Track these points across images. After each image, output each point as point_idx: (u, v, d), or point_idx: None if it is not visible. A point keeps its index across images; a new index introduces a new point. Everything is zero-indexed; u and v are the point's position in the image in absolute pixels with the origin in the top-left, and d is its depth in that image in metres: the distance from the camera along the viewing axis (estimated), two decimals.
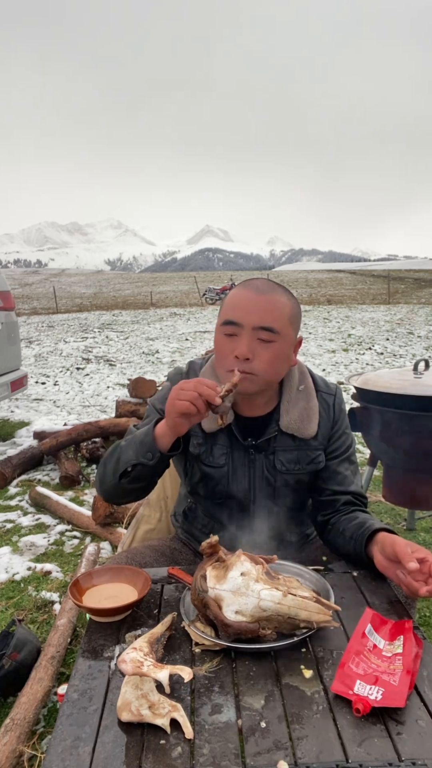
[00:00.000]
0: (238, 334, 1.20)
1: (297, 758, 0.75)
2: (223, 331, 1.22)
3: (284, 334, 1.21)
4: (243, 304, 1.20)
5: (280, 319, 1.20)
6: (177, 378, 1.37)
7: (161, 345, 11.69)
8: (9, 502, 3.67)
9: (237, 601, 0.96)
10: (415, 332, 12.41)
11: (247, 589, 0.96)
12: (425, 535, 2.95)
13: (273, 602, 0.95)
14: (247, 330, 1.18)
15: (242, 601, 0.95)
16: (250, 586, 0.96)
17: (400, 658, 0.90)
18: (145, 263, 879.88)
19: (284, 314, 1.21)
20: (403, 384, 2.34)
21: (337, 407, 1.35)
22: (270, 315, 1.19)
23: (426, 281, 34.97)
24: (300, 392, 1.32)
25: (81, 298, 30.09)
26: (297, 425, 1.29)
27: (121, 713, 0.83)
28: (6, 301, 4.71)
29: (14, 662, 1.87)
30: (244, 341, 1.18)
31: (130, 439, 1.24)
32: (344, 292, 29.17)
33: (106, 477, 1.26)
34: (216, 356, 1.27)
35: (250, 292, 1.21)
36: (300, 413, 1.30)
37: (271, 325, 1.18)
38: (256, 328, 1.18)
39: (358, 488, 1.36)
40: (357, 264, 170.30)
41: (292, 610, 0.95)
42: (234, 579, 0.98)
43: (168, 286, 38.69)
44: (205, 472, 1.33)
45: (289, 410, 1.30)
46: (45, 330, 15.00)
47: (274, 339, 1.19)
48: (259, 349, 1.19)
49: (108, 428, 4.46)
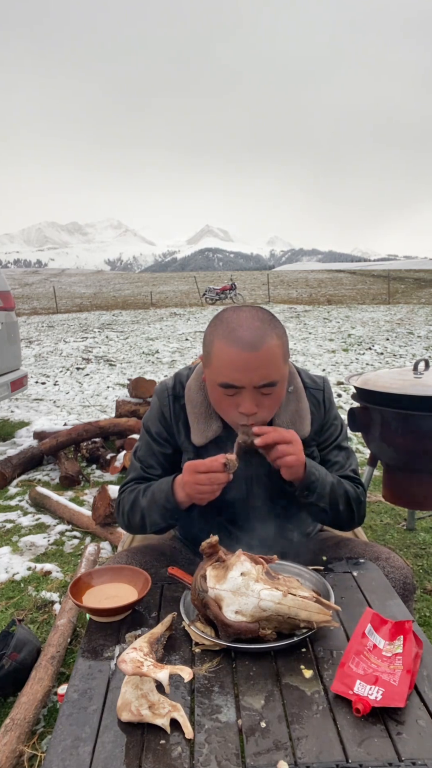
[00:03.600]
0: (238, 394, 1.18)
1: (297, 758, 0.75)
2: (222, 392, 1.19)
3: (282, 376, 1.20)
4: (238, 366, 1.14)
5: (277, 368, 1.17)
6: (164, 395, 1.36)
7: (161, 345, 11.69)
8: (9, 502, 3.67)
9: (237, 601, 0.96)
10: (415, 332, 12.41)
11: (247, 589, 0.96)
12: (425, 535, 2.95)
13: (273, 602, 0.94)
14: (249, 389, 1.16)
15: (242, 601, 0.95)
16: (250, 586, 0.96)
17: (400, 658, 0.90)
18: (145, 263, 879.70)
19: (279, 361, 1.18)
20: (403, 384, 2.34)
21: (326, 401, 1.37)
22: (268, 370, 1.15)
23: (426, 281, 34.98)
24: (290, 394, 1.32)
25: (81, 298, 30.09)
26: (289, 427, 1.29)
27: (121, 713, 0.83)
28: (6, 301, 4.71)
29: (14, 662, 1.87)
30: (248, 399, 1.17)
31: (150, 500, 1.30)
32: (344, 292, 29.17)
33: (132, 528, 1.37)
34: (216, 407, 1.25)
35: (242, 352, 1.14)
36: (291, 416, 1.31)
37: (273, 379, 1.17)
38: (258, 386, 1.16)
39: (351, 472, 1.38)
40: (357, 264, 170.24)
41: (292, 610, 0.95)
42: (234, 579, 0.98)
43: (168, 286, 38.70)
44: None
45: (281, 413, 1.30)
46: (45, 330, 15.00)
47: (276, 389, 1.19)
48: (263, 400, 1.18)
49: (108, 428, 4.46)
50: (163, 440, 1.35)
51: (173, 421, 1.34)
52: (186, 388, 1.34)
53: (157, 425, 1.36)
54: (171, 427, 1.34)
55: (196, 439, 1.30)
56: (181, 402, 1.34)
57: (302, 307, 19.84)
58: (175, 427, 1.34)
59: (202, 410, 1.30)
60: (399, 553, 2.73)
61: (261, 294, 27.28)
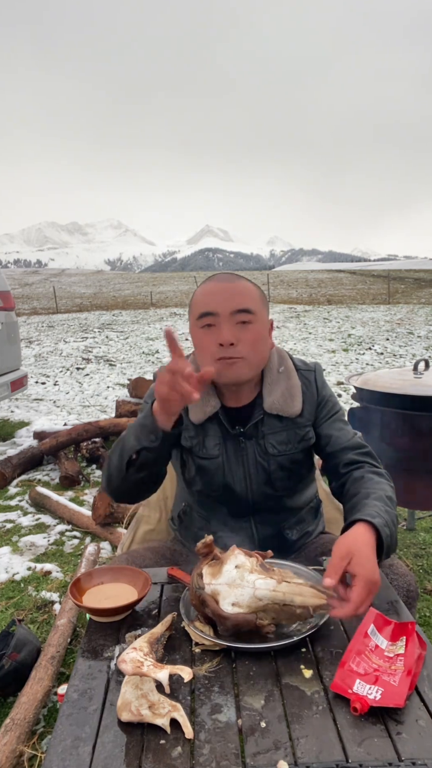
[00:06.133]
0: (216, 324, 1.22)
1: (297, 758, 0.75)
2: (199, 325, 1.25)
3: (260, 315, 1.26)
4: (215, 295, 1.24)
5: (253, 300, 1.25)
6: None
7: (161, 345, 11.69)
8: (9, 502, 3.67)
9: (233, 593, 0.96)
10: (415, 332, 12.41)
11: (242, 581, 0.97)
12: (425, 535, 2.95)
13: (268, 590, 0.95)
14: (225, 317, 1.22)
15: (238, 593, 0.96)
16: (245, 578, 0.97)
17: (401, 658, 0.90)
18: (145, 263, 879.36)
19: (255, 296, 1.27)
20: (403, 384, 2.34)
21: (318, 381, 1.38)
22: (244, 297, 1.24)
23: (426, 281, 34.98)
24: (281, 374, 1.34)
25: (81, 298, 30.09)
26: (280, 404, 1.31)
27: (121, 713, 0.83)
28: (6, 301, 4.71)
29: (14, 662, 1.87)
30: (225, 328, 1.22)
31: (130, 427, 1.24)
32: (344, 292, 29.17)
33: (112, 471, 1.24)
34: (198, 352, 1.28)
35: (217, 284, 1.26)
36: (282, 392, 1.32)
37: (248, 306, 1.23)
38: (234, 312, 1.22)
39: (356, 441, 1.34)
40: (357, 264, 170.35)
41: (288, 596, 0.95)
42: (229, 572, 0.98)
43: (168, 286, 38.70)
44: (199, 465, 1.34)
45: (272, 391, 1.32)
46: (45, 330, 15.00)
47: (252, 320, 1.24)
48: (241, 332, 1.23)
49: (108, 428, 4.46)
50: None
51: None
52: None
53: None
54: None
55: (194, 416, 1.32)
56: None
57: (302, 307, 19.84)
58: None
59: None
60: (400, 554, 2.73)
61: None
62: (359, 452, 1.33)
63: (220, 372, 1.22)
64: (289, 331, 13.15)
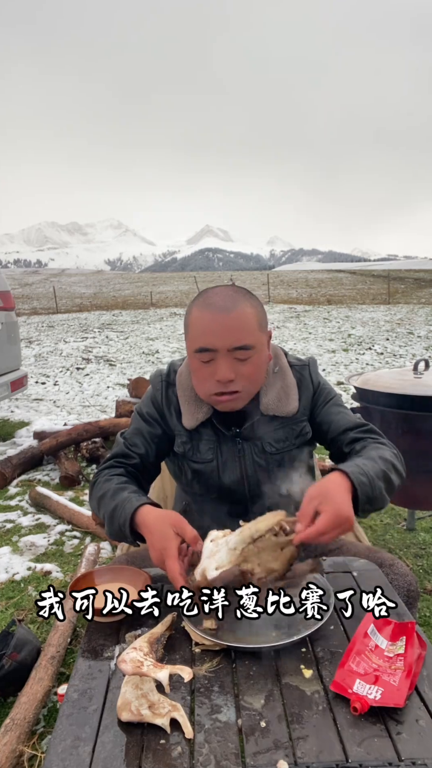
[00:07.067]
0: (214, 359, 1.20)
1: (297, 758, 0.75)
2: (198, 359, 1.22)
3: (258, 344, 1.22)
4: (212, 329, 1.18)
5: (251, 332, 1.20)
6: (157, 381, 1.38)
7: (161, 345, 11.69)
8: (9, 502, 3.67)
9: (214, 559, 1.00)
10: (415, 332, 12.41)
11: (217, 546, 1.02)
12: (425, 535, 2.95)
13: (237, 536, 1.00)
14: (223, 353, 1.18)
15: (218, 557, 1.00)
16: (219, 543, 1.02)
17: (401, 658, 0.90)
18: (145, 263, 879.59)
19: (254, 325, 1.21)
20: (403, 384, 2.34)
21: (313, 375, 1.37)
22: (241, 333, 1.18)
23: (426, 281, 34.98)
24: (276, 374, 1.34)
25: (81, 298, 30.09)
26: (276, 405, 1.31)
27: (121, 713, 0.83)
28: (6, 301, 4.71)
29: (14, 662, 1.87)
30: (223, 365, 1.18)
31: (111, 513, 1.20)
32: (344, 292, 29.17)
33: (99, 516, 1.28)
34: (194, 377, 1.27)
35: (214, 314, 1.18)
36: (277, 393, 1.32)
37: (246, 342, 1.19)
38: (231, 349, 1.18)
39: (356, 421, 1.34)
40: (357, 264, 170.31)
41: (252, 529, 0.99)
42: (207, 547, 1.04)
43: (168, 286, 38.70)
44: (194, 469, 1.34)
45: (267, 392, 1.31)
46: (45, 330, 15.00)
47: (251, 354, 1.20)
48: (239, 367, 1.20)
49: (108, 428, 4.46)
50: (153, 420, 1.37)
51: (165, 406, 1.36)
52: (177, 374, 1.37)
53: (150, 407, 1.38)
54: (163, 411, 1.36)
55: (186, 422, 1.32)
56: (173, 388, 1.36)
57: (302, 307, 19.84)
58: (167, 411, 1.36)
59: (192, 394, 1.33)
60: (400, 554, 2.73)
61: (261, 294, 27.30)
62: (360, 430, 1.33)
63: (216, 404, 1.25)
64: (289, 331, 13.15)
